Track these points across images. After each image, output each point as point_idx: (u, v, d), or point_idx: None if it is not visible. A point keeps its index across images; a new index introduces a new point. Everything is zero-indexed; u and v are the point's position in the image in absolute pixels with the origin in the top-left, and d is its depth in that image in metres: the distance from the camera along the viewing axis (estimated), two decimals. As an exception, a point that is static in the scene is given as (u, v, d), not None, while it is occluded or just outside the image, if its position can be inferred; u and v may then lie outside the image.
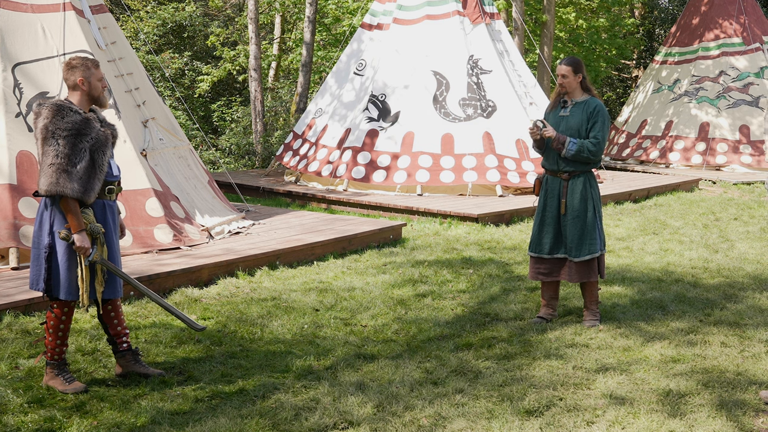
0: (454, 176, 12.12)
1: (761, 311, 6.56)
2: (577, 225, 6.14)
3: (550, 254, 6.24)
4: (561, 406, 4.63)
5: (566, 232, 6.18)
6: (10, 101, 7.79)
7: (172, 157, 9.33)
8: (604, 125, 6.11)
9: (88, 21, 8.65)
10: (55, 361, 4.88)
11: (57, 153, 4.58)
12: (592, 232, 6.16)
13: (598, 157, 6.10)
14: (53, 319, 4.84)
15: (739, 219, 11.12)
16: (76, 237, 4.65)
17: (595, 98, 6.21)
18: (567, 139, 6.08)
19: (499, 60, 13.24)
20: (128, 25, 22.95)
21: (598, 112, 6.11)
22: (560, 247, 6.23)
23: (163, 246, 8.06)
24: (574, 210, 6.14)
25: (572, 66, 6.16)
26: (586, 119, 6.11)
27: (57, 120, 4.61)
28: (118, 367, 5.09)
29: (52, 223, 4.74)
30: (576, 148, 6.05)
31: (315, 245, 8.60)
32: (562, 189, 6.18)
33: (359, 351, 5.62)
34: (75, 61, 4.81)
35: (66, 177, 4.58)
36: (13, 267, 7.25)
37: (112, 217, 4.90)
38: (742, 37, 17.98)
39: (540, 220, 6.28)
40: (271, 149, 16.94)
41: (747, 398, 4.75)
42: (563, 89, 6.22)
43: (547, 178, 6.30)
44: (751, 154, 16.59)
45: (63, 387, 4.80)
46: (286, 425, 4.38)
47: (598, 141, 6.06)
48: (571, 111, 6.18)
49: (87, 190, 4.65)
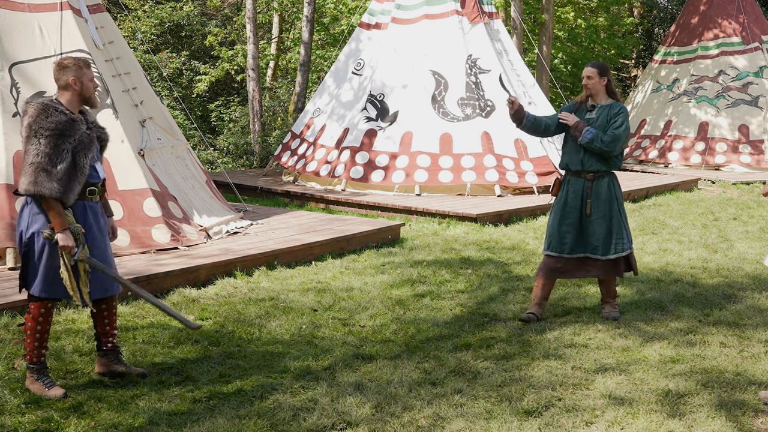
0: (453, 176, 12.11)
1: (760, 311, 6.55)
2: (604, 225, 6.25)
3: (570, 254, 6.31)
4: (560, 407, 4.62)
5: (591, 231, 6.26)
6: (6, 101, 7.77)
7: (170, 157, 9.31)
8: (624, 124, 6.22)
9: (85, 20, 8.62)
10: (34, 365, 4.79)
11: (38, 152, 4.54)
12: (620, 231, 6.29)
13: (612, 150, 6.18)
14: (30, 321, 4.77)
15: (739, 219, 11.12)
16: (60, 236, 4.59)
17: (619, 103, 6.35)
18: (585, 127, 6.21)
19: (498, 59, 13.22)
20: (126, 24, 22.93)
21: (620, 113, 6.26)
22: (582, 247, 6.31)
23: (161, 246, 8.04)
24: (600, 210, 6.24)
25: (598, 68, 6.32)
26: (609, 119, 6.24)
27: (41, 119, 4.57)
28: (98, 365, 5.05)
29: (30, 222, 4.69)
30: (590, 136, 6.17)
31: (313, 245, 8.59)
32: (587, 190, 6.26)
33: (358, 351, 5.60)
34: (67, 61, 4.77)
35: (45, 176, 4.53)
36: (10, 267, 7.23)
37: (94, 219, 4.84)
38: (741, 37, 17.98)
39: (560, 220, 6.32)
40: (269, 149, 16.93)
41: (746, 398, 4.74)
42: (588, 91, 6.34)
43: (569, 179, 6.37)
44: (750, 154, 16.59)
45: (42, 392, 4.72)
46: (284, 426, 4.36)
47: (615, 135, 6.16)
48: (597, 113, 6.30)
49: (66, 191, 4.59)
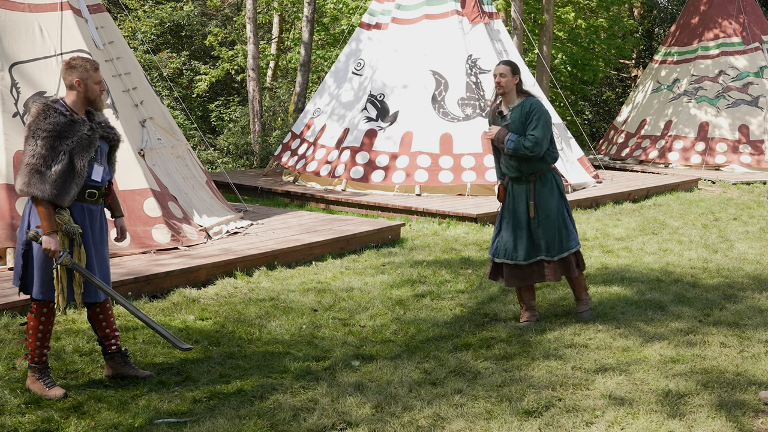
0: (453, 176, 12.11)
1: (761, 311, 6.55)
2: (550, 224, 6.10)
3: (526, 260, 6.16)
4: (560, 407, 4.61)
5: (539, 233, 6.11)
6: (7, 101, 7.77)
7: (170, 157, 9.31)
8: (540, 122, 5.98)
9: (85, 20, 8.62)
10: (36, 364, 4.79)
11: (33, 153, 4.54)
12: (566, 229, 6.15)
13: (538, 153, 5.98)
14: (32, 320, 4.78)
15: (739, 219, 11.11)
16: (44, 239, 4.55)
17: (530, 98, 6.11)
18: (505, 135, 6.04)
19: (498, 60, 13.20)
20: (126, 24, 22.92)
21: (534, 111, 6.00)
22: (535, 251, 6.15)
23: (161, 246, 8.04)
24: (544, 210, 6.09)
25: (510, 66, 6.05)
26: (524, 120, 6.03)
27: (40, 120, 4.57)
28: (107, 368, 5.06)
29: (30, 221, 4.69)
30: (513, 145, 5.99)
31: (313, 245, 8.59)
32: (529, 192, 6.11)
33: (358, 351, 5.60)
34: (75, 61, 4.77)
35: (38, 178, 4.52)
36: (11, 267, 7.23)
37: (91, 222, 4.77)
38: (742, 37, 17.98)
39: (512, 227, 6.17)
40: (269, 149, 16.93)
41: (746, 398, 4.73)
42: (501, 89, 6.08)
43: (512, 185, 6.19)
44: (750, 154, 16.58)
45: (43, 392, 4.72)
46: (284, 426, 4.36)
47: (535, 139, 5.94)
48: (511, 117, 6.09)
49: (61, 193, 4.55)
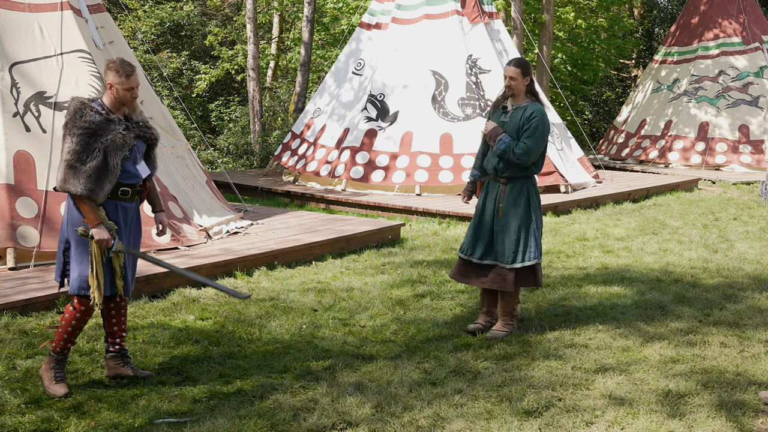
0: (453, 176, 12.11)
1: (761, 311, 6.55)
2: (512, 231, 5.87)
3: (480, 260, 6.02)
4: (560, 407, 4.61)
5: (500, 239, 5.90)
6: (7, 101, 7.77)
7: (170, 157, 9.31)
8: (537, 132, 5.79)
9: (85, 20, 8.62)
10: (56, 354, 4.89)
11: (69, 150, 4.68)
12: (529, 240, 5.89)
13: (525, 162, 5.81)
14: (70, 312, 4.89)
15: (739, 219, 11.11)
16: (94, 231, 4.69)
17: (535, 103, 5.92)
18: (499, 135, 5.89)
19: (498, 59, 13.22)
20: (126, 24, 22.93)
21: (534, 118, 5.81)
22: (492, 254, 5.97)
23: (161, 246, 8.04)
24: (506, 216, 5.89)
25: (521, 68, 5.87)
26: (522, 124, 5.85)
27: (76, 118, 4.72)
28: (107, 368, 5.09)
29: (67, 219, 4.82)
30: (503, 147, 5.81)
31: (313, 245, 8.59)
32: (500, 194, 5.95)
33: (358, 351, 5.60)
34: (112, 64, 4.91)
35: (72, 174, 4.65)
36: (11, 267, 7.22)
37: (124, 218, 4.91)
38: (742, 37, 17.98)
39: (475, 224, 6.05)
40: (269, 149, 16.93)
41: (746, 399, 4.73)
42: (510, 91, 5.90)
43: (488, 183, 6.07)
44: (750, 154, 16.59)
45: (48, 383, 4.81)
46: (284, 426, 4.36)
47: (526, 147, 5.76)
48: (511, 116, 5.93)
49: (96, 189, 4.69)
